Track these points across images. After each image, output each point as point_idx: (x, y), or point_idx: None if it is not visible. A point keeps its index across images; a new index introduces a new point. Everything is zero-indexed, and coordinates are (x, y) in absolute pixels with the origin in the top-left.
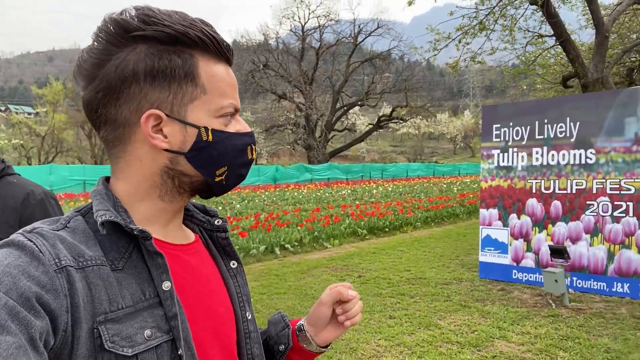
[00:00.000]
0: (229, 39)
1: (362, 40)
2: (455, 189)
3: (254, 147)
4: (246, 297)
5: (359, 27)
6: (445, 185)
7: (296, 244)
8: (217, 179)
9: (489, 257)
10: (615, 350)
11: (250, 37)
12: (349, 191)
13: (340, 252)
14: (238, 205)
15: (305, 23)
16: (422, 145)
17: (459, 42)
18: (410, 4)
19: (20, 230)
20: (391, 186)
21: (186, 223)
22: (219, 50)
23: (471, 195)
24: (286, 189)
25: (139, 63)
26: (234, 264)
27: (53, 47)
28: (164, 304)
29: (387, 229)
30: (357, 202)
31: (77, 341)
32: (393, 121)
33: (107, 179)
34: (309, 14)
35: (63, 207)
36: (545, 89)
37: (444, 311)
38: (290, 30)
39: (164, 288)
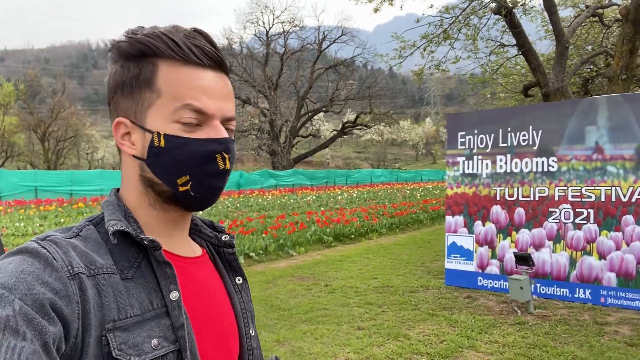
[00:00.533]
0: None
1: (327, 47)
2: (418, 195)
3: (226, 155)
4: (250, 314)
5: (324, 34)
6: (408, 192)
7: (261, 252)
8: (181, 189)
9: (454, 264)
10: (581, 358)
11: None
12: (314, 197)
13: (307, 260)
14: (200, 212)
15: (269, 28)
16: (385, 151)
17: (424, 50)
18: (376, 11)
19: (33, 238)
20: (356, 192)
21: (194, 237)
22: (182, 54)
23: (434, 202)
24: (250, 195)
25: (115, 76)
26: (239, 280)
27: (5, 47)
28: (171, 314)
29: (352, 236)
30: (322, 209)
31: (86, 348)
32: (357, 127)
33: (118, 190)
34: (274, 19)
35: (12, 215)
36: (507, 98)
37: (412, 321)
38: (255, 35)
39: (171, 298)
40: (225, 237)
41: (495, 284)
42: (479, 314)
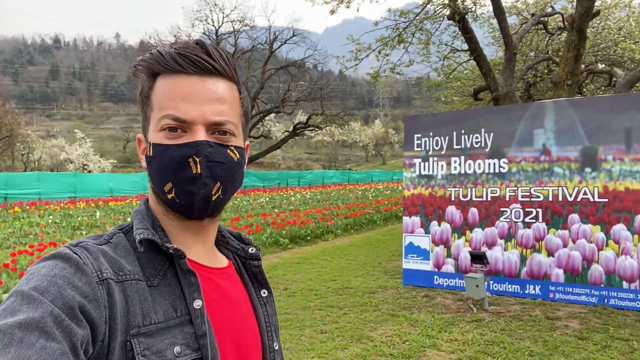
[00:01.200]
0: (135, 40)
1: (278, 48)
2: (370, 195)
3: (197, 159)
4: (274, 327)
5: (275, 34)
6: (360, 192)
7: None
8: (169, 196)
9: (411, 264)
10: (537, 353)
11: (161, 38)
12: (267, 199)
13: (264, 264)
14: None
15: (219, 27)
16: (336, 152)
17: (379, 53)
18: (332, 12)
19: (66, 244)
20: (309, 193)
21: (221, 249)
22: (165, 65)
23: (386, 202)
24: None
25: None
26: (264, 293)
27: None
28: (194, 322)
29: (308, 238)
30: (276, 210)
31: (111, 352)
32: (309, 129)
33: (148, 200)
34: (223, 18)
35: None
36: (456, 101)
37: (374, 322)
38: (204, 33)
39: (195, 306)
40: (251, 250)
41: (451, 282)
42: (438, 312)
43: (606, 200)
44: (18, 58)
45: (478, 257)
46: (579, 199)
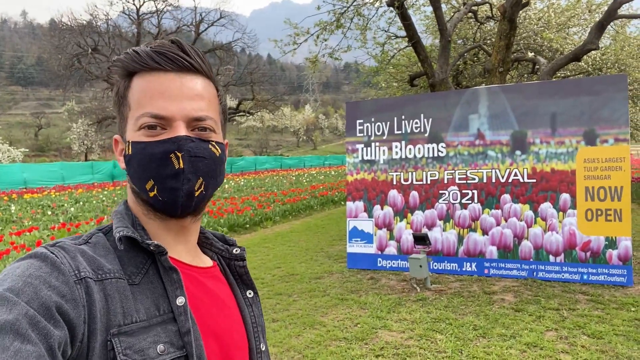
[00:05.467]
0: (45, 18)
1: (205, 30)
2: (304, 181)
3: (179, 154)
4: (261, 328)
5: (201, 15)
6: (294, 178)
7: None
8: (151, 194)
9: (355, 247)
10: (481, 326)
11: (75, 17)
12: None
13: None
14: (72, 209)
15: (140, 6)
16: (267, 138)
17: (317, 37)
18: None
19: (43, 244)
20: (242, 180)
21: (205, 251)
22: (140, 62)
23: (321, 187)
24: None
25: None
26: (250, 294)
27: None
28: (177, 319)
29: (247, 226)
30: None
31: (91, 352)
32: (239, 114)
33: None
34: None
35: None
36: (391, 87)
37: (324, 307)
38: (123, 12)
39: (177, 303)
40: (236, 250)
41: (394, 263)
42: (384, 294)
43: (534, 180)
44: None
45: (421, 239)
46: (510, 180)
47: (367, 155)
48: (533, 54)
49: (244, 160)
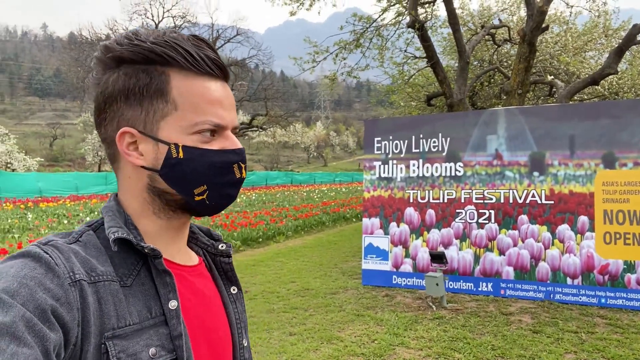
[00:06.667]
0: (64, 31)
1: (221, 46)
2: (315, 197)
3: (242, 165)
4: (244, 324)
5: (218, 32)
6: (305, 194)
7: None
8: (197, 199)
9: (371, 264)
10: (499, 347)
11: (95, 30)
12: None
13: None
14: (87, 218)
15: (159, 22)
16: (278, 154)
17: (336, 56)
18: (292, 14)
19: (35, 242)
20: (254, 195)
21: (190, 245)
22: (196, 65)
23: (332, 204)
24: None
25: (115, 83)
26: (234, 290)
27: None
28: (169, 323)
29: (260, 240)
30: (223, 212)
31: (85, 355)
32: (252, 129)
33: (117, 194)
34: (164, 12)
35: None
36: (410, 107)
37: (340, 322)
38: (142, 27)
39: (170, 307)
40: (222, 246)
41: (409, 281)
42: (400, 311)
43: (552, 202)
44: None
45: (437, 257)
46: (527, 201)
47: (384, 173)
48: (552, 77)
49: (255, 174)
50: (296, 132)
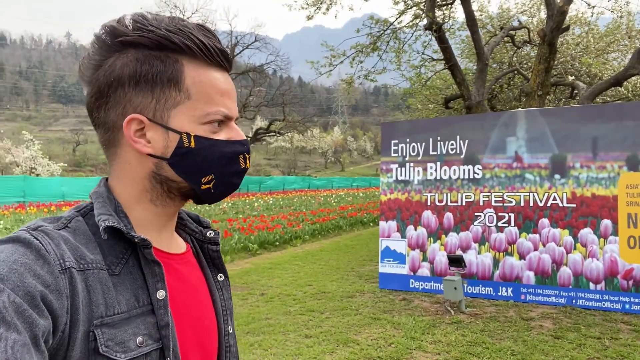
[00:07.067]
0: (87, 39)
1: (239, 52)
2: (332, 202)
3: (247, 155)
4: (229, 311)
5: (236, 38)
6: (322, 198)
7: None
8: (204, 187)
9: (388, 268)
10: (519, 352)
11: None
12: (229, 204)
13: (235, 269)
14: None
15: None
16: (295, 159)
17: (353, 59)
18: (309, 18)
19: (24, 227)
20: (271, 199)
21: (179, 232)
22: (208, 56)
23: (350, 208)
24: None
25: (124, 68)
26: (221, 277)
27: None
28: (157, 313)
29: (277, 243)
30: (240, 216)
31: (72, 343)
32: (270, 134)
33: (107, 179)
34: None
35: None
36: (425, 109)
37: (357, 325)
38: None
39: (158, 297)
40: (210, 234)
41: (427, 285)
42: (418, 315)
43: (574, 205)
44: None
45: (456, 260)
46: (548, 204)
47: (401, 176)
48: (573, 78)
49: (272, 179)
50: (314, 137)
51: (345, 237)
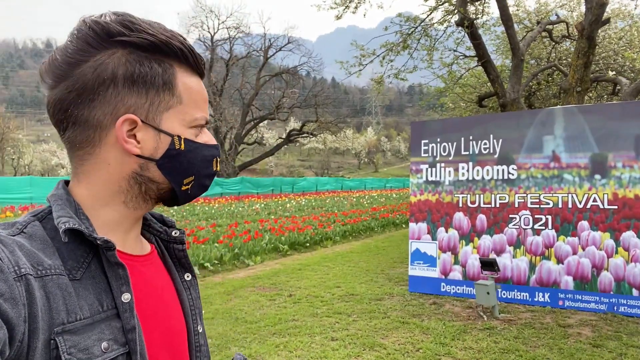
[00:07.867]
0: None
1: (273, 55)
2: (365, 203)
3: (218, 159)
4: (198, 311)
5: (270, 41)
6: (355, 199)
7: (216, 262)
8: (184, 188)
9: (418, 270)
10: None
11: None
12: (262, 205)
13: (265, 270)
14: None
15: (214, 33)
16: (328, 160)
17: (383, 58)
18: (338, 18)
19: None
20: (303, 200)
21: (143, 233)
22: (195, 62)
23: (382, 209)
24: (196, 203)
25: (118, 67)
26: (188, 277)
27: None
28: (122, 316)
29: (307, 244)
30: (272, 217)
31: (32, 352)
32: (303, 135)
33: (67, 183)
34: (219, 24)
35: None
36: (457, 108)
37: (384, 329)
38: (199, 39)
39: (123, 300)
40: (175, 233)
41: (458, 289)
42: (448, 320)
43: (616, 207)
44: (9, 62)
45: (488, 264)
46: (588, 206)
47: (431, 176)
48: (614, 73)
49: (305, 180)
50: (347, 138)
51: (377, 238)
